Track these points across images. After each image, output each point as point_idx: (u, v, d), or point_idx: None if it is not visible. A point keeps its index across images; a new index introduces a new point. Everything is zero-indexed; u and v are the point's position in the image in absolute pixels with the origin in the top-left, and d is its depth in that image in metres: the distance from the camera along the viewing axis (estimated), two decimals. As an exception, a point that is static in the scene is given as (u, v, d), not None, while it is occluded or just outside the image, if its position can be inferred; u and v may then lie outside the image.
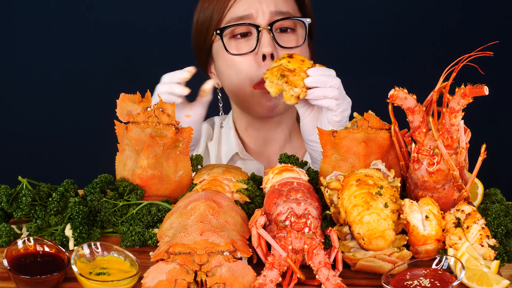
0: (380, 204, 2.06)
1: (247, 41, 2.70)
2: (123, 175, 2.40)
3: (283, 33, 2.71)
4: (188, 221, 2.03)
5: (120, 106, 2.40)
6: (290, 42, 2.71)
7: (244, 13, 2.69)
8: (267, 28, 2.67)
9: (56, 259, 2.05)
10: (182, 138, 2.39)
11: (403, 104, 2.22)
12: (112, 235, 2.28)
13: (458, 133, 2.18)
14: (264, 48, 2.65)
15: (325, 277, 1.94)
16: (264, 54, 2.65)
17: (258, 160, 2.86)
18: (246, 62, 2.68)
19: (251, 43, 2.69)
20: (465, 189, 2.21)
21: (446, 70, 2.17)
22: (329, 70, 2.49)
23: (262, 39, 2.66)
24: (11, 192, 2.33)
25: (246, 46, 2.69)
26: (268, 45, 2.65)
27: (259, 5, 2.68)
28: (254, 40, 2.69)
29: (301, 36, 2.74)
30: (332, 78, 2.45)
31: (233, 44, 2.71)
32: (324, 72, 2.47)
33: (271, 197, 2.17)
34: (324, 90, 2.44)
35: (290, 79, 2.41)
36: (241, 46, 2.70)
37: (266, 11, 2.68)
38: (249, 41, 2.70)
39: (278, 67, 2.44)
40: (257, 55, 2.67)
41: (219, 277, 1.93)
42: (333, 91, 2.44)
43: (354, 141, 2.30)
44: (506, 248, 2.11)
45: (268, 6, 2.69)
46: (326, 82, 2.44)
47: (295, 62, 2.46)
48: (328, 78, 2.45)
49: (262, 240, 2.03)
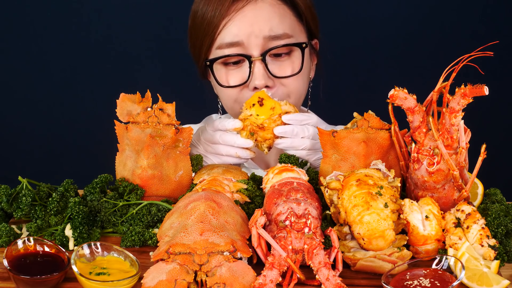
0: (380, 204, 2.06)
1: (239, 70, 2.58)
2: (123, 175, 2.40)
3: (277, 58, 2.58)
4: (188, 221, 2.03)
5: (120, 106, 2.40)
6: (284, 70, 2.58)
7: (234, 39, 2.54)
8: (259, 58, 2.54)
9: (56, 259, 2.05)
10: (182, 138, 2.39)
11: (403, 104, 2.22)
12: (112, 235, 2.28)
13: (458, 133, 2.18)
14: (257, 81, 2.53)
15: (325, 277, 1.94)
16: (256, 87, 2.54)
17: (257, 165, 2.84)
18: (236, 92, 2.58)
19: (243, 71, 2.57)
20: (465, 189, 2.21)
21: (446, 70, 2.17)
22: (306, 116, 2.44)
23: (255, 71, 2.54)
24: (11, 192, 2.33)
25: (238, 74, 2.57)
26: (261, 78, 2.53)
27: (250, 29, 2.53)
28: (246, 68, 2.56)
29: (298, 58, 2.59)
30: (305, 129, 2.42)
31: (224, 72, 2.59)
32: (299, 121, 2.43)
33: (271, 197, 2.17)
34: (293, 141, 2.43)
35: (260, 135, 2.43)
36: (232, 74, 2.58)
37: (259, 36, 2.53)
38: (241, 69, 2.57)
39: (248, 122, 2.44)
40: (249, 86, 2.56)
41: (219, 277, 1.93)
42: (304, 143, 2.42)
43: (354, 141, 2.30)
44: (506, 248, 2.11)
45: (261, 30, 2.54)
46: (297, 132, 2.42)
47: (264, 112, 2.44)
48: (301, 128, 2.42)
49: (262, 240, 2.03)
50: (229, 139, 2.46)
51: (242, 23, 2.55)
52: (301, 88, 2.62)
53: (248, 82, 2.55)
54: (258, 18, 2.54)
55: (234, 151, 2.46)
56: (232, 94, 2.59)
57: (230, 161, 2.48)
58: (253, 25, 2.54)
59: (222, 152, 2.47)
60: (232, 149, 2.46)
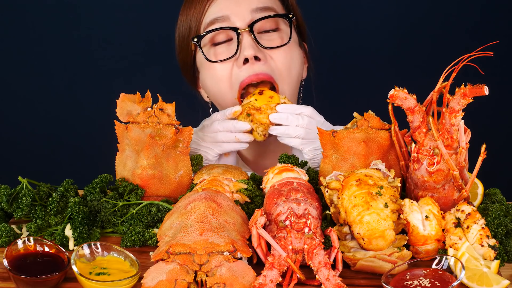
0: (380, 204, 2.06)
1: (228, 47, 2.57)
2: (123, 175, 2.40)
3: (265, 34, 2.58)
4: (188, 221, 2.03)
5: (120, 106, 2.40)
6: (273, 41, 2.58)
7: (219, 14, 2.54)
8: (247, 29, 2.53)
9: (56, 259, 2.05)
10: (182, 138, 2.39)
11: (403, 104, 2.22)
12: (112, 235, 2.28)
13: (458, 133, 2.18)
14: (245, 51, 2.52)
15: (325, 277, 1.94)
16: (246, 57, 2.52)
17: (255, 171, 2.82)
18: (227, 68, 2.57)
19: (232, 48, 2.56)
20: (465, 189, 2.21)
21: (446, 70, 2.17)
22: (304, 108, 2.46)
23: (243, 42, 2.52)
24: (11, 192, 2.33)
25: (227, 51, 2.57)
26: (250, 48, 2.52)
27: (237, 6, 2.54)
28: (235, 44, 2.55)
29: (286, 33, 2.60)
30: (300, 117, 2.43)
31: (213, 51, 2.59)
32: (294, 109, 2.45)
33: (271, 197, 2.17)
34: (288, 129, 2.44)
35: (256, 118, 2.46)
36: (221, 52, 2.57)
37: (246, 11, 2.53)
38: (230, 46, 2.57)
39: (246, 105, 2.48)
40: (238, 60, 2.54)
41: (219, 277, 1.93)
42: (298, 131, 2.43)
43: (354, 141, 2.30)
44: (506, 248, 2.11)
45: (248, 5, 2.54)
46: (292, 120, 2.43)
47: (263, 99, 2.49)
48: (295, 117, 2.43)
49: (262, 240, 2.03)
50: (228, 124, 2.47)
51: (227, 1, 2.55)
52: (291, 66, 2.60)
53: (238, 55, 2.54)
54: None
55: (233, 135, 2.47)
56: (223, 74, 2.57)
57: (231, 147, 2.48)
58: (239, 2, 2.54)
59: (223, 139, 2.47)
60: (231, 134, 2.47)
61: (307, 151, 2.46)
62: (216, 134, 2.49)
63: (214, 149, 2.50)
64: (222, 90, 2.61)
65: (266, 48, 2.56)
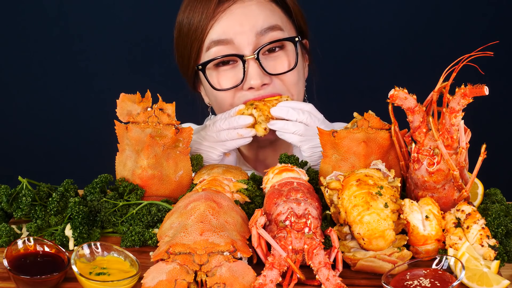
0: (380, 204, 2.06)
1: (231, 70, 2.53)
2: (123, 175, 2.40)
3: (271, 54, 2.53)
4: (188, 221, 2.03)
5: (120, 106, 2.40)
6: (280, 65, 2.54)
7: (222, 37, 2.49)
8: (253, 57, 2.48)
9: (56, 259, 2.04)
10: (182, 138, 2.39)
11: (403, 104, 2.22)
12: (112, 235, 2.28)
13: (458, 133, 2.18)
14: (252, 81, 2.48)
15: (325, 277, 1.94)
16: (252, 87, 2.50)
17: (256, 169, 2.83)
18: (231, 92, 2.54)
19: (236, 72, 2.52)
20: (465, 189, 2.20)
21: (446, 70, 2.17)
22: (304, 104, 2.46)
23: (250, 71, 2.48)
24: (11, 192, 2.33)
25: (230, 75, 2.53)
26: (257, 77, 2.48)
27: (240, 28, 2.48)
28: (239, 69, 2.51)
29: (292, 52, 2.55)
30: (301, 113, 2.43)
31: (216, 75, 2.54)
32: (295, 106, 2.45)
33: (271, 197, 2.17)
34: (287, 123, 2.44)
35: (260, 107, 2.47)
36: (224, 76, 2.53)
37: (251, 33, 2.48)
38: (234, 70, 2.53)
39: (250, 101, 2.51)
40: (244, 86, 2.51)
41: (219, 277, 1.93)
42: (297, 126, 2.43)
43: (354, 141, 2.29)
44: (506, 248, 2.11)
45: (253, 26, 2.48)
46: (292, 114, 2.43)
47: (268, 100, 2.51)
48: (296, 112, 2.43)
49: (262, 240, 2.03)
50: (231, 120, 2.46)
51: (230, 21, 2.50)
52: (299, 82, 2.60)
53: (243, 83, 2.52)
54: (248, 16, 2.50)
55: (236, 132, 2.46)
56: (226, 98, 2.55)
57: (234, 144, 2.48)
58: (243, 24, 2.49)
59: (226, 137, 2.47)
60: (234, 131, 2.47)
61: (305, 149, 2.46)
62: (219, 132, 2.48)
63: (218, 148, 2.50)
64: (223, 108, 2.60)
65: (273, 74, 2.53)
